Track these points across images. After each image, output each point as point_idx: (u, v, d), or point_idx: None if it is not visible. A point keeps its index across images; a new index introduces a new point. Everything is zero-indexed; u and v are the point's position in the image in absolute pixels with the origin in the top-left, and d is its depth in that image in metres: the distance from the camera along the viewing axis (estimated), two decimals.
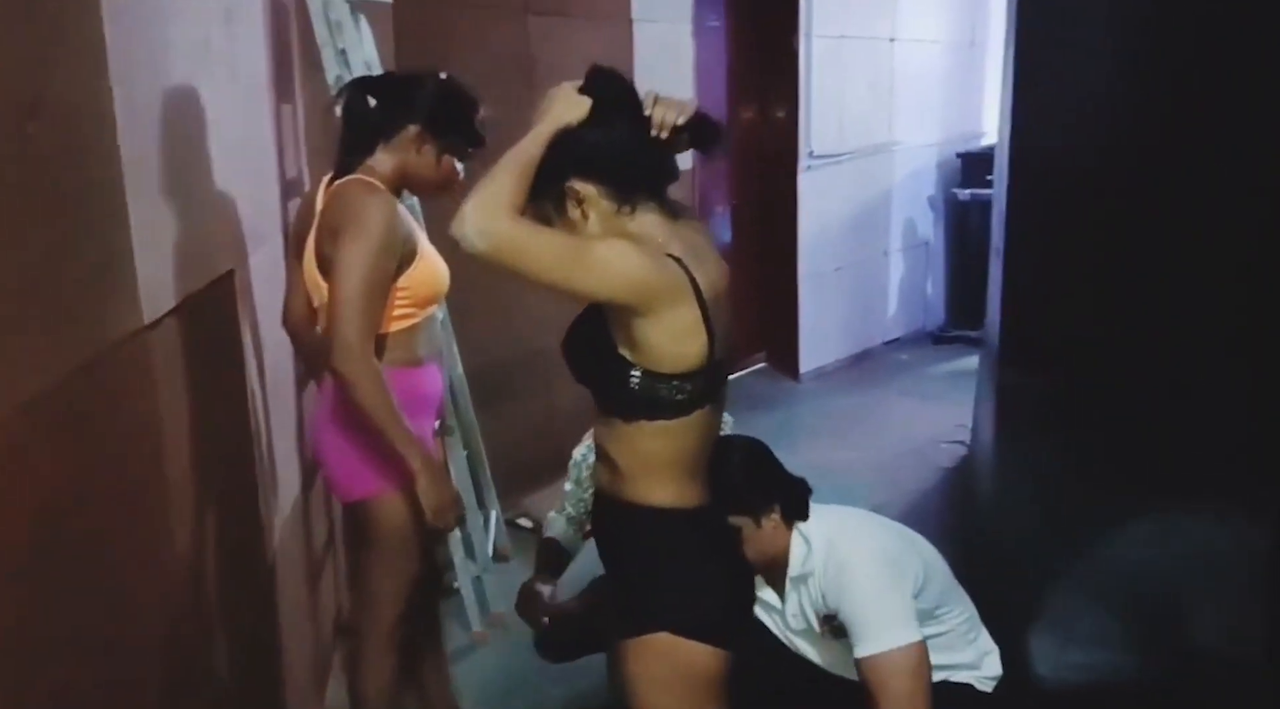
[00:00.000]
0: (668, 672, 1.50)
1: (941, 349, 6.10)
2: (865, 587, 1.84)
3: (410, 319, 1.94)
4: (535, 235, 1.39)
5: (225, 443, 1.83)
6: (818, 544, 1.93)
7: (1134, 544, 2.03)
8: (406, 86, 1.96)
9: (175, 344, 1.52)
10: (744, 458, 1.95)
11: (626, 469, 1.52)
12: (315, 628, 2.58)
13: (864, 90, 5.65)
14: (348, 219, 1.83)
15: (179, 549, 1.49)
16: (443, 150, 1.96)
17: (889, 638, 1.78)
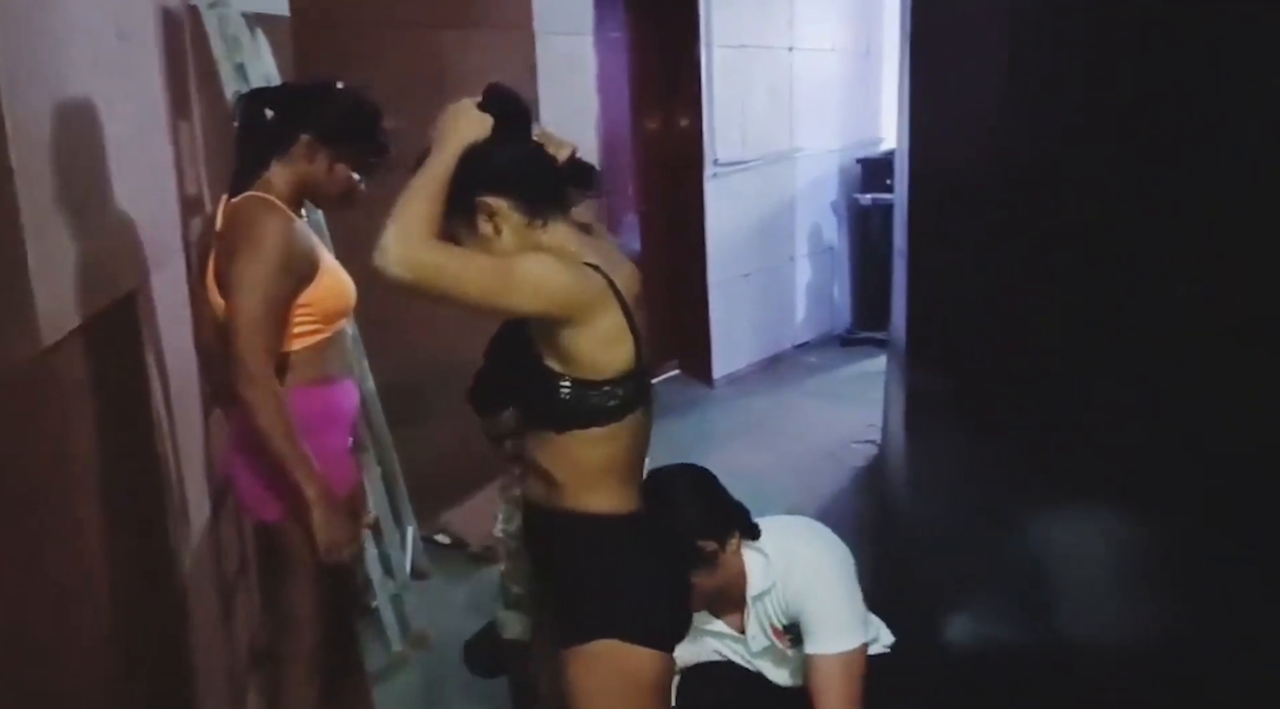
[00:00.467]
0: (616, 679, 1.51)
1: (849, 351, 6.24)
2: (829, 589, 1.89)
3: (317, 335, 1.91)
4: (459, 259, 1.39)
5: (133, 467, 1.78)
6: (774, 555, 1.94)
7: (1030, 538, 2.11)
8: (302, 97, 1.94)
9: (78, 366, 1.48)
10: (694, 486, 1.94)
11: (564, 480, 1.52)
12: (229, 654, 2.51)
13: (765, 99, 5.76)
14: (242, 239, 1.80)
15: (87, 576, 1.45)
16: (335, 159, 1.91)
17: (843, 640, 1.87)
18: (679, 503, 1.87)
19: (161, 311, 2.08)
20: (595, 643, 1.50)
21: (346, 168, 1.93)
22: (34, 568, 1.26)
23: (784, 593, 1.93)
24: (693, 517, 1.88)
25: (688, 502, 1.89)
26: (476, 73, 3.79)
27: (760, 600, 1.96)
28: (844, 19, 6.29)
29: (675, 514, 1.83)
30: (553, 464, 1.53)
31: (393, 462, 3.15)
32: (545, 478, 1.55)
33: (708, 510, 1.92)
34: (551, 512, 1.55)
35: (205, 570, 2.33)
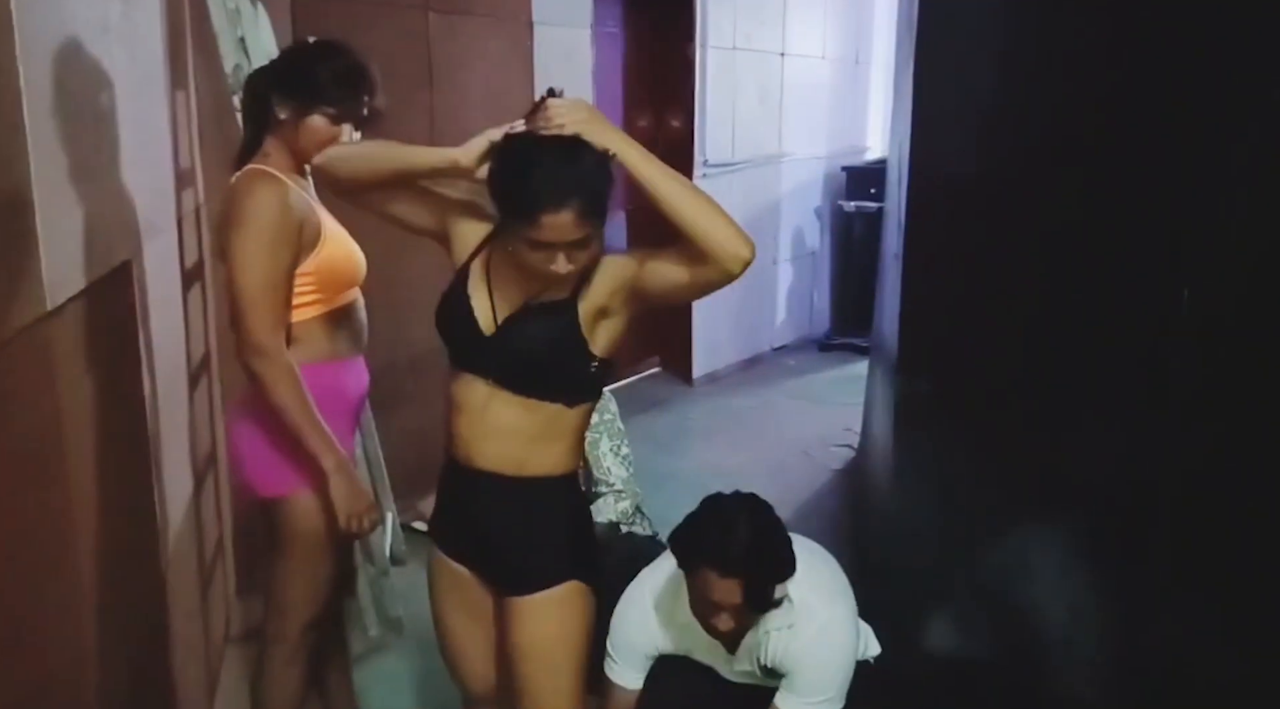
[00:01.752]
0: (582, 617, 1.69)
1: (828, 355, 6.28)
2: (831, 661, 1.84)
3: (320, 307, 1.88)
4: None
5: (122, 439, 1.75)
6: (796, 602, 1.85)
7: (1017, 543, 2.14)
8: (275, 65, 1.92)
9: (76, 334, 1.46)
10: (778, 528, 1.81)
11: (546, 449, 1.64)
12: (206, 635, 2.48)
13: (755, 102, 5.77)
14: (235, 212, 1.78)
15: (74, 548, 1.42)
16: (304, 114, 1.83)
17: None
18: (781, 556, 1.79)
19: (152, 283, 2.05)
20: (566, 585, 1.66)
21: (320, 119, 1.83)
22: (20, 538, 1.24)
23: (788, 642, 1.86)
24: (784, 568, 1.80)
25: (784, 554, 1.80)
26: (468, 58, 3.77)
27: (766, 635, 1.88)
28: (835, 27, 6.32)
29: (773, 567, 1.77)
30: (549, 435, 1.63)
31: (375, 447, 3.13)
32: (524, 447, 1.63)
33: (788, 561, 1.81)
34: (517, 479, 1.64)
35: (186, 549, 2.30)
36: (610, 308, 1.60)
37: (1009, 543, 2.15)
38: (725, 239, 1.45)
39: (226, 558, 2.84)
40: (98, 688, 1.50)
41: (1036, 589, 2.08)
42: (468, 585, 1.75)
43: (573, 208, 1.43)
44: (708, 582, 1.74)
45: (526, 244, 1.48)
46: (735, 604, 1.75)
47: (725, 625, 1.78)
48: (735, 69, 5.55)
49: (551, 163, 1.44)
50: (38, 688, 1.24)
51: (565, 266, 1.49)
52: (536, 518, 1.67)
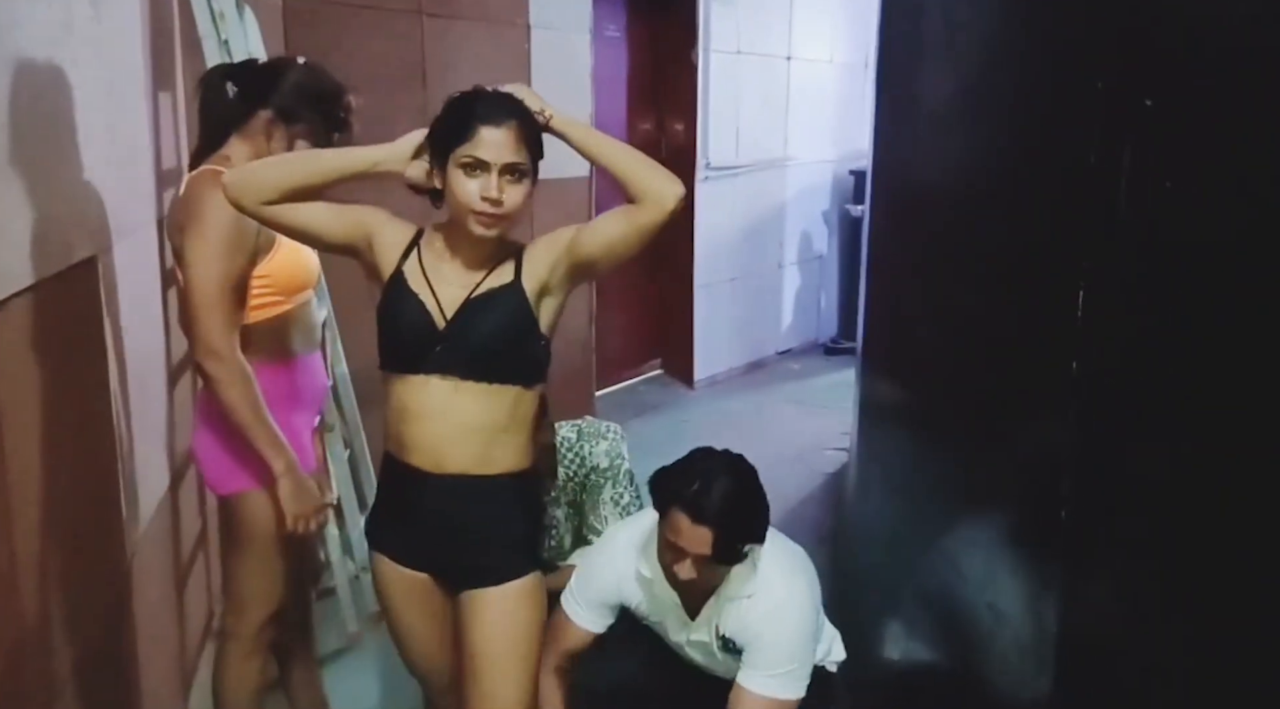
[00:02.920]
0: (541, 606, 1.75)
1: (833, 360, 6.27)
2: (791, 634, 1.85)
3: (277, 308, 1.91)
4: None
5: (82, 436, 1.79)
6: (763, 567, 1.88)
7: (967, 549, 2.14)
8: (263, 73, 1.93)
9: (24, 328, 1.49)
10: (756, 486, 1.84)
11: (507, 442, 1.68)
12: (180, 631, 2.52)
13: (760, 106, 5.78)
14: (191, 214, 1.80)
15: (18, 547, 1.45)
16: (295, 137, 1.90)
17: (781, 687, 1.83)
18: (749, 509, 1.81)
19: (125, 281, 2.09)
20: (528, 577, 1.73)
21: (307, 145, 1.91)
22: None
23: (748, 611, 1.88)
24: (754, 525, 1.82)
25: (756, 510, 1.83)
26: (462, 63, 3.81)
27: (727, 602, 1.91)
28: (842, 31, 6.31)
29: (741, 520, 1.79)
30: (508, 422, 1.67)
31: (361, 444, 3.16)
32: (480, 442, 1.66)
33: (760, 521, 1.84)
34: (477, 477, 1.67)
35: (159, 545, 2.34)
36: (550, 284, 1.66)
37: (952, 546, 2.16)
38: (656, 177, 1.57)
39: (210, 554, 2.88)
40: (46, 682, 1.54)
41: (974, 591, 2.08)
42: (424, 589, 1.77)
43: (511, 127, 1.53)
44: (679, 525, 1.77)
45: (463, 169, 1.55)
46: (701, 554, 1.77)
47: (686, 574, 1.80)
48: (739, 73, 5.56)
49: (491, 95, 1.59)
50: None
51: (497, 190, 1.54)
52: (501, 514, 1.71)
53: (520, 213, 1.61)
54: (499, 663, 1.70)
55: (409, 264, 1.68)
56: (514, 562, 1.72)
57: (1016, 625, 1.82)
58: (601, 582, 2.02)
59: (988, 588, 1.95)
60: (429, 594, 1.78)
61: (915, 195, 2.31)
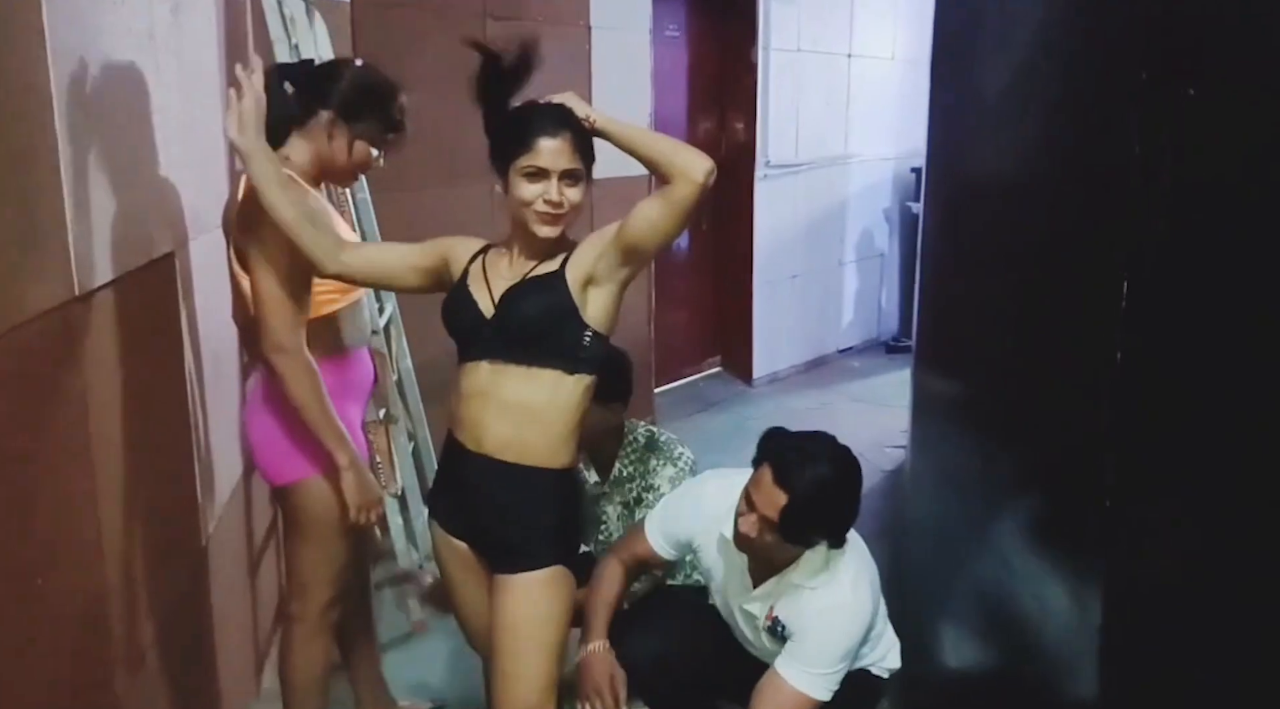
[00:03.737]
0: (566, 598, 1.79)
1: (894, 358, 6.21)
2: (836, 638, 1.86)
3: (333, 305, 1.97)
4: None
5: (160, 422, 1.88)
6: (832, 564, 1.89)
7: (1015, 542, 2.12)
8: (323, 73, 1.97)
9: (108, 319, 1.57)
10: (853, 483, 1.85)
11: (546, 432, 1.73)
12: (254, 613, 2.62)
13: (820, 103, 5.77)
14: (253, 215, 1.82)
15: (104, 523, 1.53)
16: (355, 136, 1.94)
17: (809, 683, 1.84)
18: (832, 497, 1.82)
19: (201, 277, 2.18)
20: (554, 568, 1.77)
21: (365, 145, 1.96)
22: (52, 503, 1.35)
23: (808, 602, 1.90)
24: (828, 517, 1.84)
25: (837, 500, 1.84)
26: None
27: (790, 587, 1.92)
28: (904, 27, 6.26)
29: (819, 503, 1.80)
30: (545, 407, 1.73)
31: (424, 436, 3.24)
32: (516, 427, 1.73)
33: (841, 518, 1.87)
34: (515, 466, 1.75)
35: (232, 530, 2.44)
36: (597, 273, 1.73)
37: (1000, 538, 2.14)
38: (682, 154, 1.65)
39: (279, 538, 2.97)
40: (129, 658, 1.62)
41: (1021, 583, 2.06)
42: (469, 558, 1.86)
43: (566, 137, 1.67)
44: (762, 480, 1.81)
45: (524, 177, 1.67)
46: (768, 516, 1.78)
47: (745, 528, 1.83)
48: (800, 71, 5.55)
49: (545, 108, 1.71)
50: (59, 659, 1.35)
51: (558, 193, 1.67)
52: (530, 504, 1.77)
53: (578, 212, 1.73)
54: (517, 648, 1.76)
55: (473, 268, 1.81)
56: (538, 552, 1.77)
57: (1062, 618, 1.81)
58: (683, 522, 2.08)
59: (1034, 580, 1.94)
60: (473, 563, 1.86)
61: (967, 190, 2.31)
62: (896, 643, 2.13)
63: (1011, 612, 2.05)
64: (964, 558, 2.28)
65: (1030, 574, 1.95)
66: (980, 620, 2.23)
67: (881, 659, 2.09)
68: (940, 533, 2.29)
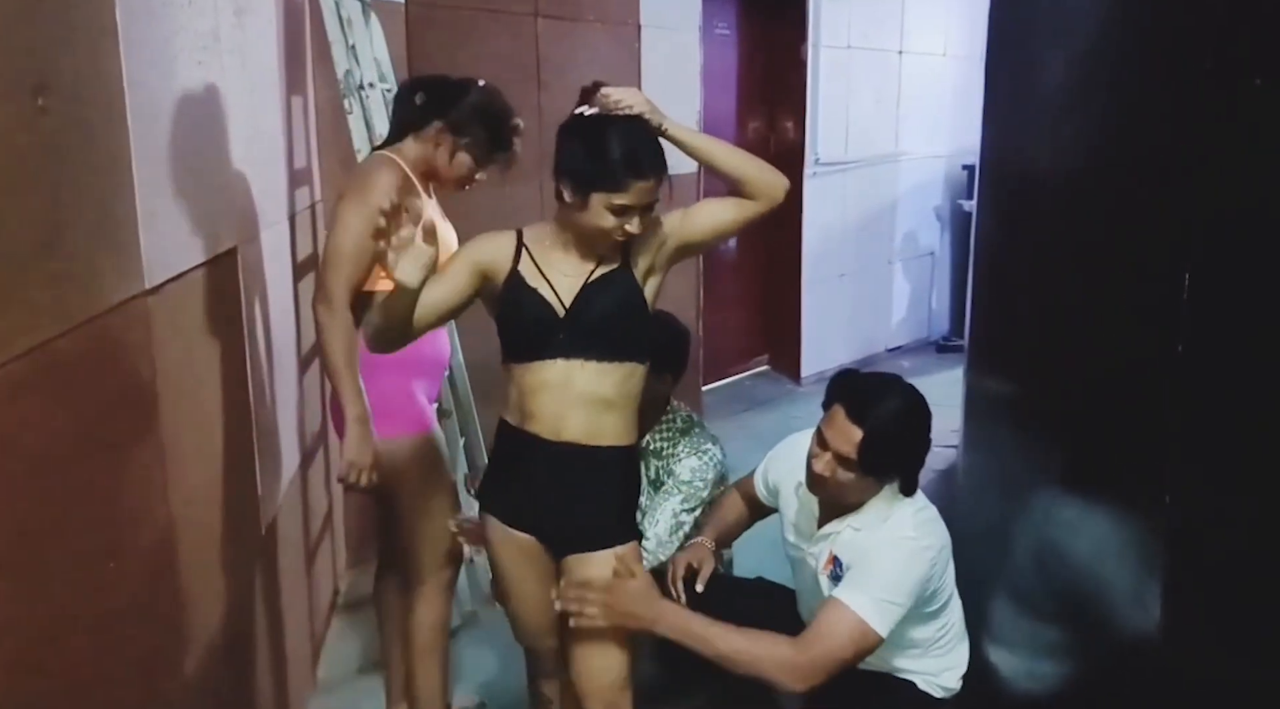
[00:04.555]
0: (643, 576, 1.82)
1: (945, 358, 6.15)
2: (889, 568, 1.81)
3: None
4: None
5: (223, 412, 1.93)
6: (897, 514, 1.87)
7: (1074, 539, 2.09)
8: (447, 89, 2.15)
9: (177, 311, 1.62)
10: (907, 421, 1.86)
11: (618, 416, 1.79)
12: (311, 601, 2.67)
13: (870, 101, 5.73)
14: (353, 182, 2.07)
15: (170, 507, 1.58)
16: (458, 148, 2.12)
17: (869, 611, 1.78)
18: (905, 427, 1.86)
19: (263, 271, 2.24)
20: (628, 546, 1.84)
21: (468, 158, 2.13)
22: (122, 487, 1.39)
23: (867, 538, 1.86)
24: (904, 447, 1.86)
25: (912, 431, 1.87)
26: (576, 61, 3.90)
27: (851, 530, 1.90)
28: (956, 24, 6.20)
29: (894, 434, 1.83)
30: (621, 397, 1.78)
31: (476, 432, 3.28)
32: (598, 415, 1.78)
33: (915, 450, 1.89)
34: (592, 448, 1.79)
35: (291, 519, 2.49)
36: (655, 265, 1.80)
37: (1059, 536, 2.11)
38: (767, 175, 1.75)
39: (335, 532, 3.03)
40: (192, 641, 1.67)
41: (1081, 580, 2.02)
42: (533, 552, 1.88)
43: (656, 176, 1.69)
44: (835, 418, 1.84)
45: (610, 210, 1.68)
46: (843, 453, 1.80)
47: (820, 468, 1.84)
48: (850, 68, 5.53)
49: (634, 136, 1.69)
50: (126, 639, 1.39)
51: (639, 227, 1.71)
52: (608, 484, 1.84)
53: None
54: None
55: (523, 264, 1.81)
56: (614, 529, 1.85)
57: (1124, 615, 1.79)
58: (778, 468, 2.16)
59: (1093, 577, 1.92)
60: (535, 556, 1.89)
61: (1024, 187, 2.29)
62: (963, 657, 2.02)
63: (1071, 605, 2.03)
64: (1018, 557, 2.26)
65: (1091, 570, 1.93)
66: (1039, 615, 2.21)
67: (941, 671, 1.99)
68: (995, 529, 2.27)
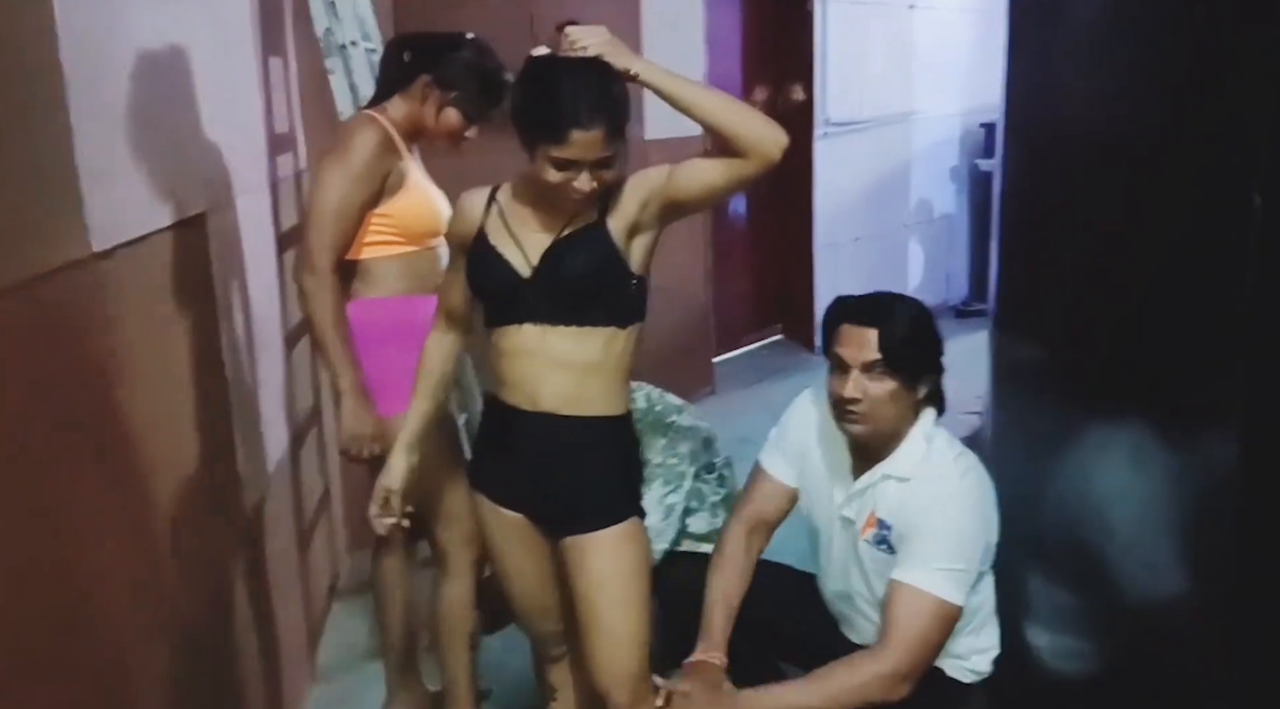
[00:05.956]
0: (643, 552, 1.70)
1: (965, 322, 5.98)
2: (950, 532, 1.69)
3: (398, 247, 2.02)
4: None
5: (194, 391, 1.80)
6: (934, 457, 1.75)
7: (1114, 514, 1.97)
8: (434, 43, 2.06)
9: (134, 279, 1.50)
10: (916, 314, 1.80)
11: (602, 383, 1.64)
12: (306, 586, 2.56)
13: (882, 57, 5.54)
14: (336, 143, 1.98)
15: (139, 489, 1.46)
16: (446, 103, 2.02)
17: (940, 585, 1.66)
18: (915, 317, 1.79)
19: (240, 240, 2.11)
20: (629, 522, 1.68)
21: (456, 113, 2.03)
22: (81, 463, 1.27)
23: (912, 495, 1.73)
24: (920, 334, 1.78)
25: (921, 321, 1.80)
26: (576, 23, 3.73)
27: (887, 481, 1.77)
28: None
29: (907, 322, 1.76)
30: (601, 364, 1.63)
31: (477, 413, 3.15)
32: (578, 383, 1.63)
33: (930, 339, 1.80)
34: (575, 418, 1.64)
35: (281, 503, 2.37)
36: (641, 222, 1.62)
37: (1112, 517, 1.98)
38: (761, 129, 1.51)
39: (333, 513, 2.92)
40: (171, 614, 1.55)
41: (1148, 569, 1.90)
42: (524, 530, 1.75)
43: (600, 126, 1.49)
44: (846, 335, 1.75)
45: (552, 163, 1.51)
46: (867, 359, 1.72)
47: (849, 390, 1.72)
48: (860, 23, 5.34)
49: (578, 82, 1.50)
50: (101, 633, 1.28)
51: (588, 184, 1.52)
52: (598, 457, 1.68)
53: (609, 186, 1.58)
54: (612, 605, 1.67)
55: (490, 221, 1.66)
56: (613, 506, 1.68)
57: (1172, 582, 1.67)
58: (797, 431, 1.96)
59: (1140, 548, 1.79)
60: (528, 534, 1.75)
61: (1053, 142, 2.13)
62: (995, 638, 1.88)
63: (1113, 579, 1.90)
64: (1054, 527, 2.11)
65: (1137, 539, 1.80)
66: (1077, 586, 2.08)
67: (971, 651, 1.84)
68: (1026, 500, 2.13)
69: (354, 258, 1.99)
